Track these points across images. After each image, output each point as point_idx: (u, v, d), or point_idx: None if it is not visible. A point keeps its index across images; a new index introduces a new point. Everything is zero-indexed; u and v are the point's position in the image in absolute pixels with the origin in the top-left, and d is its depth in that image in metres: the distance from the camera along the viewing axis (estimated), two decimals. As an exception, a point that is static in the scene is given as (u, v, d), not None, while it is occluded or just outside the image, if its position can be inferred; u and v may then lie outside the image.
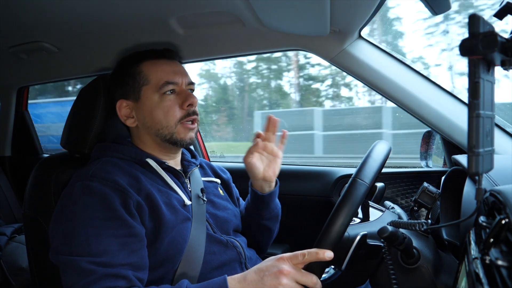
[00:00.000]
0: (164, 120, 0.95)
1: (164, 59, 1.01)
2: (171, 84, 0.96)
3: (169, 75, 0.97)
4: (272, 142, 1.04)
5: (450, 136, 1.15)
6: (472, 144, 0.45)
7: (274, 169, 1.04)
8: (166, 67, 0.99)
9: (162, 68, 0.98)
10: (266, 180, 1.04)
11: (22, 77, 1.82)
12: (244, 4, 1.00)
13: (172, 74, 0.98)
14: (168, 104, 0.95)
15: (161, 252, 0.86)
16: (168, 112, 0.95)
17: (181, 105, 0.96)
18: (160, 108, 0.95)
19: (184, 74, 1.00)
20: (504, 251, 0.45)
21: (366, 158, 0.81)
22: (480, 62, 0.45)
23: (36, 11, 1.06)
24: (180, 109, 0.96)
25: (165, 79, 0.96)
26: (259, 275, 0.73)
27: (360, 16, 1.05)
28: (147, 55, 1.01)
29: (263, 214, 1.09)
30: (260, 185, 1.06)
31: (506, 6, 0.59)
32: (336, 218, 0.72)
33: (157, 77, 0.97)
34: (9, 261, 1.54)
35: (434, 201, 0.96)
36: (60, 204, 0.86)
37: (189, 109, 0.96)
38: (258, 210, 1.09)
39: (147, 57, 1.00)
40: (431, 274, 0.79)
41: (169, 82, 0.96)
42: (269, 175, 1.03)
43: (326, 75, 8.28)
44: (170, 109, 0.95)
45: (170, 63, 1.01)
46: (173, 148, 1.00)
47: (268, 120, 1.04)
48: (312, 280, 0.72)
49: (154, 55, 1.01)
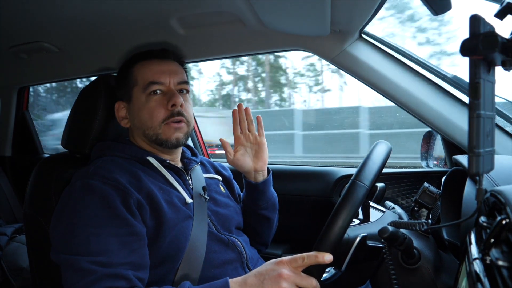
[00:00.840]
0: (149, 121, 0.95)
1: (155, 59, 1.01)
2: (156, 84, 0.96)
3: (155, 75, 0.97)
4: (251, 132, 1.06)
5: (451, 136, 1.15)
6: (473, 145, 0.45)
7: (263, 157, 1.06)
8: (154, 67, 0.98)
9: (150, 68, 0.98)
10: (258, 170, 1.06)
11: (22, 77, 1.83)
12: (245, 4, 1.00)
13: (158, 74, 0.97)
14: (152, 104, 0.95)
15: (163, 250, 0.86)
16: (152, 113, 0.95)
17: (166, 105, 0.95)
18: (145, 109, 0.95)
19: (173, 73, 0.99)
20: (504, 251, 0.45)
21: (366, 159, 0.81)
22: (480, 63, 0.45)
23: (36, 11, 1.06)
24: (165, 110, 0.95)
25: (150, 79, 0.96)
26: (259, 279, 0.73)
27: (361, 16, 1.05)
28: (141, 56, 1.01)
29: (260, 204, 1.10)
30: (253, 176, 1.07)
31: (507, 6, 0.59)
32: (335, 221, 0.72)
33: (143, 78, 0.97)
34: (9, 261, 1.55)
35: (434, 201, 0.96)
36: (60, 204, 0.86)
37: (173, 109, 0.95)
38: (255, 200, 1.10)
39: (140, 59, 1.01)
40: (431, 274, 0.79)
41: (154, 82, 0.96)
42: (260, 165, 1.05)
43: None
44: (154, 109, 0.95)
45: (160, 63, 1.00)
46: (164, 149, 0.99)
47: (237, 112, 1.05)
48: (312, 284, 0.72)
49: (146, 56, 1.01)
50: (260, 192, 1.08)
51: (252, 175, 1.08)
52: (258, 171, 1.07)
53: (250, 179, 1.08)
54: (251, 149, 1.07)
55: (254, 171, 1.06)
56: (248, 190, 1.11)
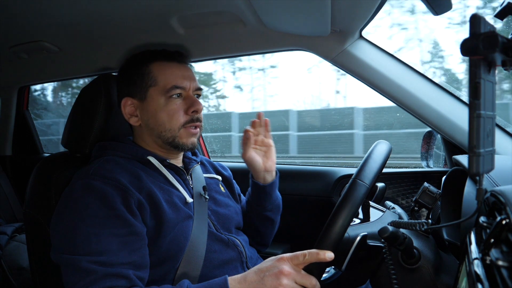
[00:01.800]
0: (167, 123, 0.95)
1: (174, 62, 1.01)
2: (179, 89, 0.96)
3: (178, 79, 0.97)
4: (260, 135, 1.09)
5: (451, 136, 1.15)
6: (473, 144, 0.45)
7: (272, 158, 1.09)
8: (176, 71, 0.98)
9: (172, 71, 0.98)
10: (267, 170, 1.08)
11: (23, 77, 1.83)
12: (245, 4, 1.00)
13: (181, 78, 0.97)
14: (173, 107, 0.95)
15: (163, 250, 0.86)
16: (172, 116, 0.95)
17: (186, 110, 0.96)
18: (165, 111, 0.95)
19: (192, 79, 1.00)
20: (504, 251, 0.45)
21: (366, 158, 0.81)
22: (481, 62, 0.45)
23: (37, 11, 1.06)
24: (184, 114, 0.96)
25: (174, 83, 0.96)
26: (260, 276, 0.73)
27: (361, 16, 1.05)
28: (158, 56, 1.01)
29: (266, 205, 1.11)
30: (263, 177, 1.09)
31: (507, 6, 0.59)
32: (336, 219, 0.72)
33: (166, 80, 0.96)
34: (9, 261, 1.55)
35: (434, 201, 0.96)
36: (61, 203, 0.86)
37: (193, 115, 0.97)
38: (261, 201, 1.11)
39: (158, 58, 1.00)
40: (431, 274, 0.79)
41: (177, 86, 0.96)
42: (269, 165, 1.08)
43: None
44: (175, 113, 0.95)
45: (180, 66, 1.01)
46: (174, 151, 1.00)
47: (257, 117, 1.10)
48: (312, 282, 0.72)
49: (165, 57, 1.00)
50: (267, 194, 1.10)
51: (261, 176, 1.09)
52: (268, 171, 1.08)
53: (258, 180, 1.09)
54: (260, 150, 1.10)
55: (264, 171, 1.08)
56: (254, 191, 1.11)
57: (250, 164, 1.08)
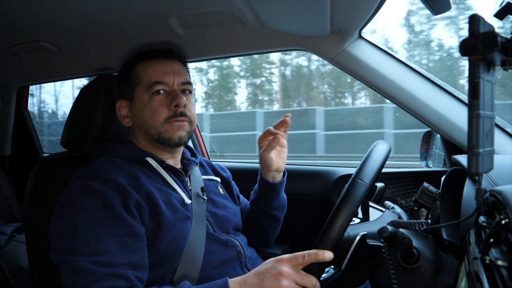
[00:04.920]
0: (150, 120, 0.95)
1: (159, 58, 1.00)
2: (160, 84, 0.96)
3: (159, 75, 0.96)
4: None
5: (450, 136, 1.15)
6: (472, 144, 0.45)
7: (284, 158, 1.08)
8: (159, 67, 0.98)
9: (154, 67, 0.98)
10: (279, 170, 1.07)
11: (22, 77, 1.83)
12: (244, 4, 1.00)
13: (162, 74, 0.97)
14: (155, 104, 0.95)
15: (161, 251, 0.86)
16: (155, 112, 0.95)
17: (169, 105, 0.95)
18: (148, 108, 0.95)
19: (177, 73, 0.99)
20: (504, 251, 0.45)
21: (366, 158, 0.81)
22: (480, 62, 0.45)
23: (36, 11, 1.06)
24: (167, 110, 0.95)
25: (154, 79, 0.96)
26: (259, 278, 0.73)
27: (360, 16, 1.05)
28: (144, 55, 1.01)
29: (273, 204, 1.11)
30: (272, 176, 1.08)
31: (506, 6, 0.59)
32: (336, 218, 0.72)
33: (147, 77, 0.97)
34: (9, 261, 1.54)
35: (434, 201, 0.96)
36: (60, 204, 0.86)
37: (176, 110, 0.95)
38: (269, 199, 1.11)
39: (143, 57, 1.00)
40: (431, 274, 0.79)
41: (158, 82, 0.96)
42: (281, 165, 1.07)
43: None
44: (157, 109, 0.95)
45: (164, 62, 1.00)
46: (166, 148, 0.99)
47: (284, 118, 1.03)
48: (312, 282, 0.72)
49: (150, 55, 1.01)
50: (276, 192, 1.09)
51: (271, 175, 1.08)
52: (279, 171, 1.08)
53: (268, 178, 1.08)
54: (276, 150, 1.06)
55: (275, 171, 1.07)
56: (263, 189, 1.10)
57: (266, 163, 1.05)
